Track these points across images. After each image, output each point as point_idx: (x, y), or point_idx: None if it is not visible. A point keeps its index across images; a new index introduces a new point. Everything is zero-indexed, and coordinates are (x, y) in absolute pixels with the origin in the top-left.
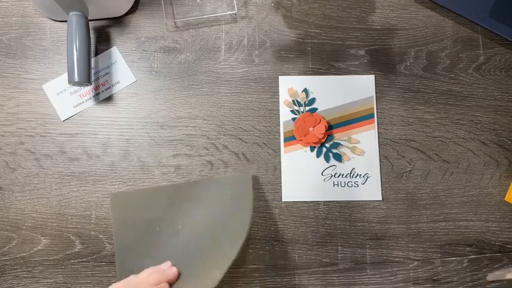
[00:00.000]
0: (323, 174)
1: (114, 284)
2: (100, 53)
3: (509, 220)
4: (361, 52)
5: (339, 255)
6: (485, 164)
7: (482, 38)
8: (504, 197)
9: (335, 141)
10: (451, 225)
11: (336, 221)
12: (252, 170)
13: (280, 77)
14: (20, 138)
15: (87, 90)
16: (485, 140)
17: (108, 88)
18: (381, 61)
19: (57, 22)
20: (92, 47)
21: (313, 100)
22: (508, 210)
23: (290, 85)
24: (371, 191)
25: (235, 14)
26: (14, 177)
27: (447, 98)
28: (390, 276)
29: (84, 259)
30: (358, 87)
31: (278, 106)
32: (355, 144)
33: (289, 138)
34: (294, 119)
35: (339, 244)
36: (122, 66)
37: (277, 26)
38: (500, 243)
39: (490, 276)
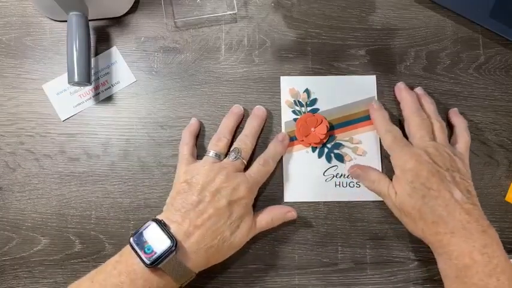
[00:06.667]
0: (325, 174)
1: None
2: (100, 53)
3: (509, 220)
4: (361, 52)
5: (339, 255)
6: (485, 164)
7: (482, 38)
8: (504, 197)
9: (337, 141)
10: None
11: (336, 221)
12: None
13: (281, 77)
14: (20, 138)
15: (87, 90)
16: (485, 140)
17: (108, 88)
18: (381, 61)
19: (57, 22)
20: (92, 47)
21: (314, 100)
22: (508, 210)
23: (291, 85)
24: None
25: (235, 14)
26: (14, 177)
27: (447, 98)
28: (390, 277)
29: (84, 259)
30: (359, 88)
31: (279, 106)
32: (356, 145)
33: (291, 139)
34: (295, 119)
35: (339, 244)
36: (122, 66)
37: (277, 26)
38: None
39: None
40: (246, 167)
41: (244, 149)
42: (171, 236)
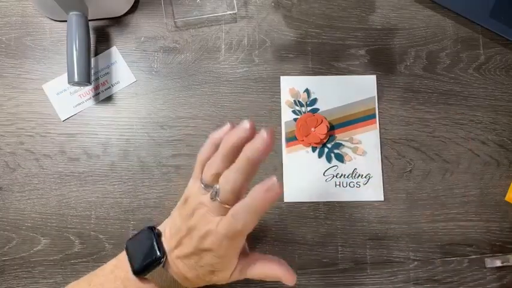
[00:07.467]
0: (325, 174)
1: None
2: (100, 53)
3: (509, 220)
4: (362, 52)
5: (339, 255)
6: (486, 164)
7: (482, 38)
8: (504, 197)
9: (337, 141)
10: (452, 225)
11: (336, 221)
12: None
13: (281, 77)
14: (19, 138)
15: (87, 90)
16: (486, 140)
17: (108, 88)
18: (381, 61)
19: (57, 22)
20: (92, 47)
21: (314, 100)
22: (508, 210)
23: (291, 85)
24: (373, 191)
25: (235, 14)
26: (13, 177)
27: (447, 97)
28: (390, 277)
29: (84, 259)
30: (360, 88)
31: (279, 106)
32: (356, 145)
33: (291, 139)
34: (295, 119)
35: (339, 244)
36: (122, 66)
37: (277, 26)
38: (500, 243)
39: (489, 262)
40: None
41: (225, 188)
42: (159, 248)
